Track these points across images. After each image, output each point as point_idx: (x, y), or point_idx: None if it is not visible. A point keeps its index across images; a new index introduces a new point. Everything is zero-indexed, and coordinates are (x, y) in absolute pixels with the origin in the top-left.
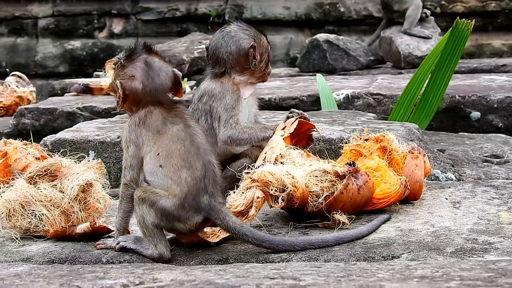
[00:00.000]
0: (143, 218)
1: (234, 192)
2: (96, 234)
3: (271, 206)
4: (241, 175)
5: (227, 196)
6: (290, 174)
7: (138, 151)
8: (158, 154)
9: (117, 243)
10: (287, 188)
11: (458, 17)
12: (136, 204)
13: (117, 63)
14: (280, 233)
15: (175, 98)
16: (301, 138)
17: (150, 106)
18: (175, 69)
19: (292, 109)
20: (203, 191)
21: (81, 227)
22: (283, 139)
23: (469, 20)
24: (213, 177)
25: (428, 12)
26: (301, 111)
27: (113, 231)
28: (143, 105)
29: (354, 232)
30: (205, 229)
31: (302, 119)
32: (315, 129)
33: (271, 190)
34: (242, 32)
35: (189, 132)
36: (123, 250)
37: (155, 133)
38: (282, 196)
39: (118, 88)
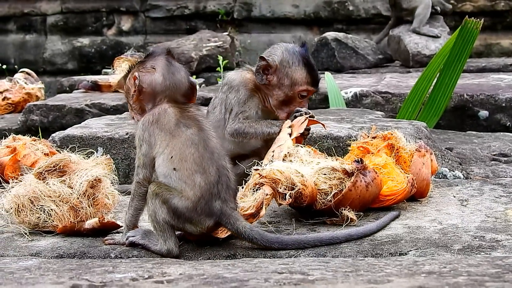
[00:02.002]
0: (155, 213)
1: (242, 188)
2: (105, 229)
3: (279, 204)
4: (250, 171)
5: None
6: (299, 172)
7: (150, 150)
8: (171, 157)
9: (127, 238)
10: (296, 186)
11: (467, 16)
12: (150, 198)
13: (138, 59)
14: (288, 229)
15: None
16: (300, 135)
17: (165, 104)
18: (191, 77)
19: (298, 108)
20: (216, 196)
21: (90, 223)
22: (293, 139)
23: (478, 19)
24: (227, 182)
25: (439, 8)
26: (305, 109)
27: (121, 226)
28: (158, 102)
29: (364, 229)
30: None
31: (310, 119)
32: (321, 125)
33: (280, 188)
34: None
35: (202, 136)
36: (132, 245)
37: (168, 134)
38: (290, 193)
39: (135, 80)
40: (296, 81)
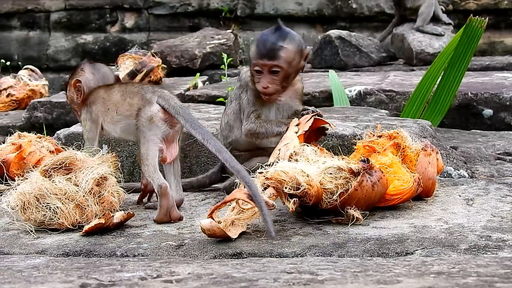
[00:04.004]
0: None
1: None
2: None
3: (283, 203)
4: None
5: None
6: (304, 172)
7: (96, 124)
8: (108, 109)
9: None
10: (301, 186)
11: (471, 14)
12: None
13: (67, 80)
14: (294, 228)
15: None
16: (313, 133)
17: (96, 89)
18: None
19: (305, 106)
20: (147, 92)
21: (117, 216)
22: (298, 136)
23: (483, 18)
24: (150, 85)
25: (444, 8)
26: (313, 107)
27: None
28: (92, 92)
29: None
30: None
31: (316, 116)
32: (328, 125)
33: (285, 188)
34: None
35: (121, 84)
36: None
37: (103, 103)
38: (294, 200)
39: (77, 83)
40: (250, 59)
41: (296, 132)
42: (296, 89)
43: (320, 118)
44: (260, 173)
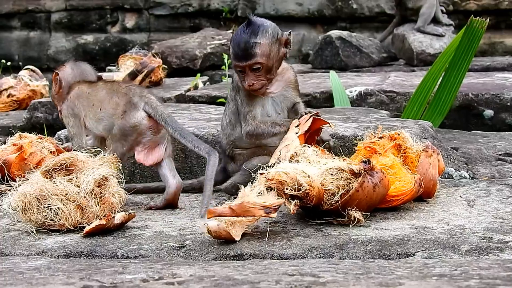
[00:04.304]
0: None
1: (246, 187)
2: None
3: (284, 204)
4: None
5: (239, 190)
6: (305, 173)
7: (79, 120)
8: (93, 105)
9: None
10: (302, 187)
11: (472, 15)
12: (108, 149)
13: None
14: (295, 229)
15: None
16: (313, 134)
17: (78, 84)
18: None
19: (303, 110)
20: (134, 95)
21: (118, 217)
22: (298, 136)
23: (484, 19)
24: (137, 87)
25: (444, 8)
26: (309, 109)
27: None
28: (73, 86)
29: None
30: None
31: (316, 116)
32: (328, 125)
33: (286, 189)
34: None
35: (106, 81)
36: None
37: (86, 97)
38: (295, 202)
39: (56, 76)
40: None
41: (297, 133)
42: (287, 78)
43: (320, 118)
44: (262, 174)
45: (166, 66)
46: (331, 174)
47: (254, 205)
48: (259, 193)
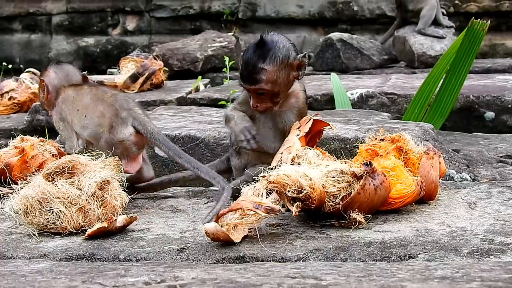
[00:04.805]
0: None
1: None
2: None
3: (287, 210)
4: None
5: (240, 191)
6: (307, 175)
7: (67, 124)
8: (78, 110)
9: None
10: (304, 189)
11: (473, 17)
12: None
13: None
14: (296, 232)
15: None
16: (314, 137)
17: (64, 88)
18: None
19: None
20: (121, 108)
21: (120, 220)
22: (299, 138)
23: (484, 21)
24: (123, 98)
25: (445, 10)
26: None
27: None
28: (59, 91)
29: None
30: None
31: (315, 118)
32: (329, 127)
33: (288, 191)
34: None
35: (93, 87)
36: None
37: (71, 102)
38: (297, 204)
39: (42, 83)
40: None
41: (298, 135)
42: (292, 102)
43: (320, 119)
44: (263, 176)
45: (167, 69)
46: (333, 177)
47: (245, 199)
48: (259, 194)
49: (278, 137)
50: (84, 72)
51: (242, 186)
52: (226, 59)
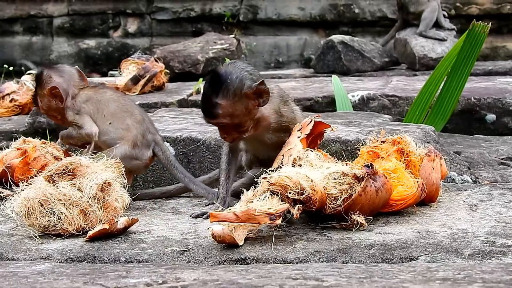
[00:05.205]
0: None
1: (249, 191)
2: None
3: (288, 211)
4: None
5: (241, 193)
6: (308, 177)
7: (88, 115)
8: (104, 116)
9: None
10: (305, 191)
11: (474, 20)
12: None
13: (34, 91)
14: (298, 234)
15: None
16: (316, 138)
17: (76, 91)
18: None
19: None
20: (147, 130)
21: (122, 222)
22: (300, 140)
23: (486, 23)
24: (149, 119)
25: (446, 13)
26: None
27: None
28: (71, 94)
29: None
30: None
31: (316, 119)
32: (330, 129)
33: (289, 193)
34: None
35: (118, 94)
36: None
37: (93, 104)
38: (298, 207)
39: (53, 90)
40: None
41: (299, 137)
42: (264, 125)
43: (321, 121)
44: (264, 178)
45: (168, 71)
46: (334, 178)
47: (260, 213)
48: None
49: (273, 148)
50: (76, 66)
51: (241, 190)
52: (227, 61)
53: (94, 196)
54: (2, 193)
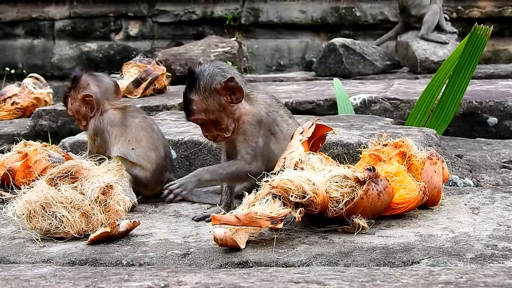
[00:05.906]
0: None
1: (251, 194)
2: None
3: (290, 213)
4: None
5: (243, 196)
6: (310, 180)
7: (104, 143)
8: (129, 141)
9: None
10: (307, 194)
11: (476, 23)
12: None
13: (67, 91)
14: (300, 237)
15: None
16: (317, 141)
17: (108, 108)
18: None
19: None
20: (165, 168)
21: (123, 225)
22: (302, 143)
23: (487, 26)
24: (170, 157)
25: (448, 16)
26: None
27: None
28: (102, 107)
29: None
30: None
31: (317, 122)
32: (332, 132)
33: (291, 197)
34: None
35: (148, 122)
36: None
37: (120, 126)
38: (300, 210)
39: (86, 98)
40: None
41: (300, 140)
42: (241, 127)
43: (323, 124)
44: (266, 181)
45: (170, 74)
46: (336, 182)
47: (261, 216)
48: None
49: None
50: (114, 79)
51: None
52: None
53: (95, 199)
54: (4, 196)
